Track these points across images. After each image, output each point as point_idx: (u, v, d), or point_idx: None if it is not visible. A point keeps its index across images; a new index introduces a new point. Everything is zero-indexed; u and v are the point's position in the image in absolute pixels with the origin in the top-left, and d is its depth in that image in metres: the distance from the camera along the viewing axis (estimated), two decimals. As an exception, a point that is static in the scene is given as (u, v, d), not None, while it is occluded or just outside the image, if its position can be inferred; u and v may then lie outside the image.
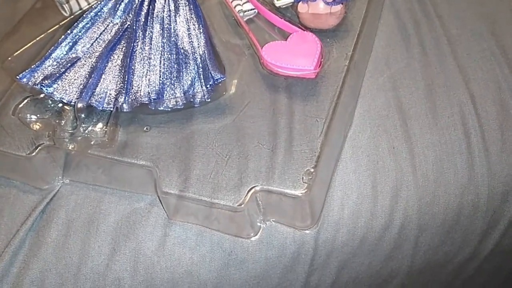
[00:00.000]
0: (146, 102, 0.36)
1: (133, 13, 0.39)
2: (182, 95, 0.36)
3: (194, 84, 0.36)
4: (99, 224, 0.38)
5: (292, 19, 0.40)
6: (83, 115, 0.38)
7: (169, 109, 0.37)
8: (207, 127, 0.36)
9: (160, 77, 0.36)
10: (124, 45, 0.39)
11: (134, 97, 0.36)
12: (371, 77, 0.42)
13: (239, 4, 0.41)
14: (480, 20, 0.44)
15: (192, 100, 0.37)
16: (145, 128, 0.37)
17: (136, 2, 0.40)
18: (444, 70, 0.42)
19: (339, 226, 0.38)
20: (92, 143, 0.37)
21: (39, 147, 0.37)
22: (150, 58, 0.37)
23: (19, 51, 0.41)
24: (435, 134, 0.40)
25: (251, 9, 0.41)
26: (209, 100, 0.37)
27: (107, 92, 0.38)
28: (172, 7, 0.38)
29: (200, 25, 0.37)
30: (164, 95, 0.36)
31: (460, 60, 0.43)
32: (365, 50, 0.40)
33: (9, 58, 0.40)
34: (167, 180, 0.34)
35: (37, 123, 0.39)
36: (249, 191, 0.33)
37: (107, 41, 0.40)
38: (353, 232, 0.38)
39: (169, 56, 0.37)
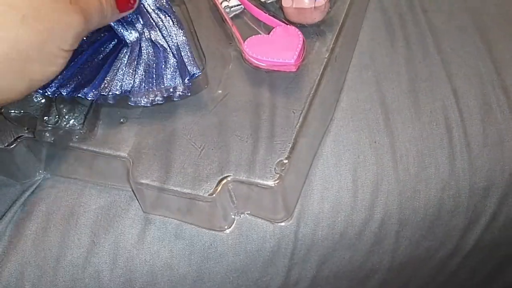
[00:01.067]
0: (118, 93, 0.35)
1: None
2: (161, 88, 0.36)
3: (174, 79, 0.36)
4: (79, 217, 0.38)
5: (278, 14, 0.40)
6: (64, 109, 0.37)
7: (149, 105, 0.37)
8: (185, 119, 0.36)
9: (135, 70, 0.36)
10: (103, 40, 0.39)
11: (105, 88, 0.36)
12: (355, 71, 0.42)
13: (226, 0, 0.41)
14: (465, 15, 0.44)
15: (172, 94, 0.37)
16: (121, 120, 0.36)
17: None
18: (428, 65, 0.42)
19: (319, 220, 0.38)
20: (72, 136, 0.37)
21: (18, 140, 0.37)
22: (126, 52, 0.37)
23: None
24: (417, 129, 0.40)
25: (237, 5, 0.41)
26: (189, 94, 0.36)
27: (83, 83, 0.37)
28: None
29: (174, 19, 0.37)
30: (140, 89, 0.36)
31: (444, 55, 0.42)
32: (348, 44, 0.40)
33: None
34: (141, 171, 0.34)
35: (19, 116, 0.38)
36: (220, 181, 0.33)
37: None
38: (333, 226, 0.38)
39: (146, 50, 0.37)
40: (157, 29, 0.37)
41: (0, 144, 0.37)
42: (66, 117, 0.37)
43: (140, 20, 0.37)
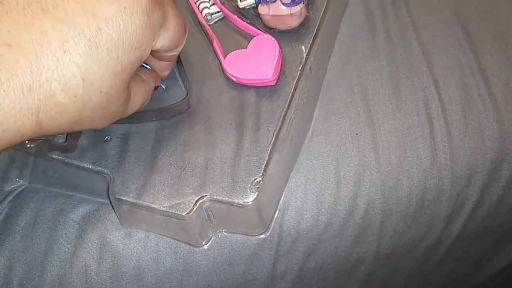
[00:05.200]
0: None
1: None
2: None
3: None
4: (68, 213, 0.38)
5: (255, 20, 0.40)
6: None
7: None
8: (164, 137, 0.37)
9: None
10: None
11: None
12: (337, 66, 0.42)
13: (207, 7, 0.41)
14: (446, 6, 0.44)
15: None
16: (106, 138, 0.37)
17: None
18: (408, 56, 0.42)
19: (302, 212, 0.38)
20: (53, 146, 0.37)
21: None
22: None
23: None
24: (398, 120, 0.40)
25: (218, 12, 0.41)
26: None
27: None
28: None
29: None
30: None
31: (425, 46, 0.43)
32: (323, 51, 0.40)
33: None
34: (121, 187, 0.35)
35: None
36: (197, 200, 0.34)
37: None
38: (317, 217, 0.39)
39: None
40: None
41: None
42: None
43: None
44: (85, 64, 0.24)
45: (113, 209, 0.37)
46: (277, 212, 0.38)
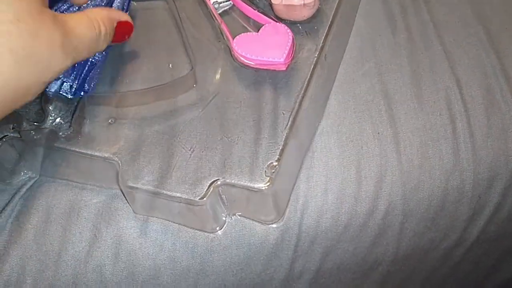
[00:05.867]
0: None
1: None
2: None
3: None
4: (80, 210, 0.37)
5: (267, 10, 0.39)
6: (50, 107, 0.37)
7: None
8: (174, 120, 0.36)
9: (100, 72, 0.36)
10: None
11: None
12: (357, 63, 0.42)
13: None
14: (467, 5, 0.44)
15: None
16: (109, 121, 0.36)
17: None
18: (430, 56, 0.42)
19: (322, 212, 0.38)
20: (58, 135, 0.36)
21: (3, 139, 0.36)
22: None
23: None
24: (420, 119, 0.39)
25: (226, 1, 0.40)
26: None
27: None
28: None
29: None
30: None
31: (447, 46, 0.42)
32: (339, 41, 0.40)
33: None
34: (130, 174, 0.34)
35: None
36: (210, 184, 0.33)
37: None
38: (337, 217, 0.38)
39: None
40: None
41: None
42: (53, 115, 0.36)
43: None
44: None
45: (125, 197, 0.36)
46: (290, 200, 0.37)
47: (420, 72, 0.41)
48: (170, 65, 0.38)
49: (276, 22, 0.38)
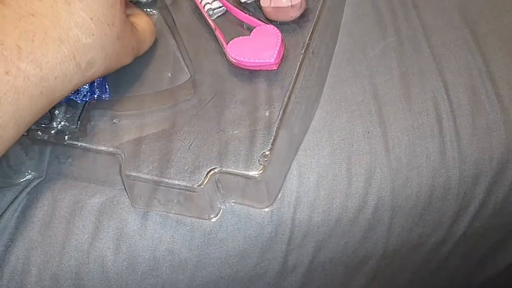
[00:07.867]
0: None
1: None
2: None
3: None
4: (83, 205, 0.39)
5: (257, 13, 0.41)
6: (56, 111, 0.38)
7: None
8: (174, 120, 0.38)
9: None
10: None
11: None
12: (348, 65, 0.43)
13: (208, 3, 0.42)
14: (454, 10, 0.46)
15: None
16: (114, 121, 0.39)
17: None
18: (418, 58, 0.43)
19: (314, 207, 0.39)
20: (65, 135, 0.38)
21: None
22: None
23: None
24: (409, 119, 0.41)
25: (220, 7, 0.42)
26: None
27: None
28: None
29: None
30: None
31: (435, 49, 0.44)
32: (326, 37, 0.42)
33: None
34: (133, 165, 0.36)
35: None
36: (208, 173, 0.35)
37: None
38: (329, 212, 0.40)
39: None
40: None
41: None
42: (59, 118, 0.38)
43: None
44: (87, 6, 0.31)
45: (125, 188, 0.38)
46: (282, 187, 0.39)
47: (409, 74, 0.43)
48: (170, 74, 0.41)
49: (266, 24, 0.40)
